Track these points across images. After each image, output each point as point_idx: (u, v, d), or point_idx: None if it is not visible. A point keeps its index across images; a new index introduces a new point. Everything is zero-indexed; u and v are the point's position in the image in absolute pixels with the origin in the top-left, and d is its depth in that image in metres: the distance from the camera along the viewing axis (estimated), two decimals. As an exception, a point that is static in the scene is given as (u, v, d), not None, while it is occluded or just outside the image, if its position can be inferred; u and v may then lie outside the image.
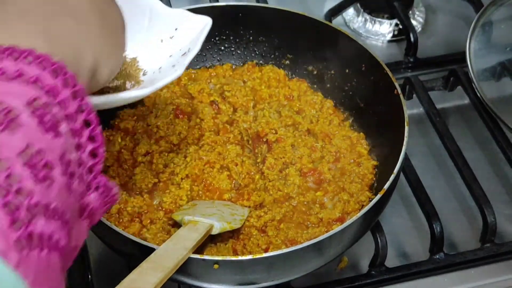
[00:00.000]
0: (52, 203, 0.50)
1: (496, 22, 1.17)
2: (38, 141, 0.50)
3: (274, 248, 0.88)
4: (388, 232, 0.94)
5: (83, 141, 0.56)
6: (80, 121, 0.56)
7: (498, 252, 0.97)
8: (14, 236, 0.45)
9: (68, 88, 0.55)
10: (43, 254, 0.48)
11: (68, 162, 0.53)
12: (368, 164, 0.98)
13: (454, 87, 1.14)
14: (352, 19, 1.29)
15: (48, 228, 0.48)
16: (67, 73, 0.55)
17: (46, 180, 0.50)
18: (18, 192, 0.47)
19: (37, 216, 0.48)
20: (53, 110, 0.53)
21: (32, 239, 0.47)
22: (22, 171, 0.48)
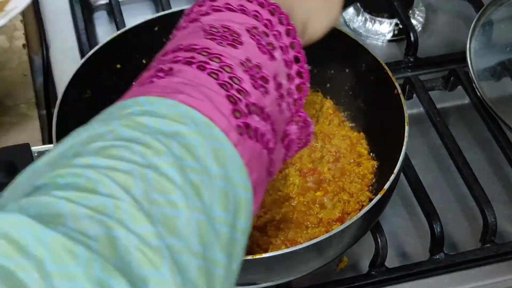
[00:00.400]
0: (266, 107, 0.56)
1: (496, 21, 1.17)
2: (256, 57, 0.58)
3: (274, 248, 0.88)
4: (388, 232, 0.94)
5: (293, 73, 0.62)
6: (291, 55, 0.62)
7: (499, 252, 0.97)
8: (235, 122, 0.52)
9: (283, 25, 0.62)
10: (257, 146, 0.53)
11: (280, 84, 0.60)
12: (368, 164, 0.98)
13: (454, 87, 1.14)
14: (352, 19, 1.28)
15: (261, 126, 0.55)
16: (282, 13, 0.62)
17: (262, 88, 0.57)
18: (238, 91, 0.54)
19: (253, 114, 0.54)
20: (269, 38, 0.60)
21: (249, 129, 0.53)
22: (243, 76, 0.55)
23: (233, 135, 0.51)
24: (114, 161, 0.44)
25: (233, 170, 0.50)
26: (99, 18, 1.28)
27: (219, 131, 0.50)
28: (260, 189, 0.55)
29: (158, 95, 0.51)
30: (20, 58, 1.16)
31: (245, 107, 0.53)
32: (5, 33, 1.19)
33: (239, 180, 0.50)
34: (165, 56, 0.58)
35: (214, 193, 0.47)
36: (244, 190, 0.50)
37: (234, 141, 0.51)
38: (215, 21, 0.60)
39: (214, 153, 0.48)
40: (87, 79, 0.98)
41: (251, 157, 0.52)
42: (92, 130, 0.48)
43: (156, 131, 0.47)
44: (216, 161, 0.48)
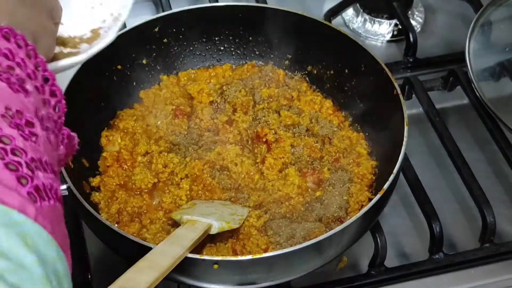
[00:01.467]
0: (43, 157, 0.52)
1: (495, 22, 1.17)
2: (13, 102, 0.52)
3: (274, 248, 0.88)
4: (388, 232, 0.94)
5: (47, 96, 0.58)
6: (40, 78, 0.57)
7: (498, 252, 0.97)
8: (24, 191, 0.48)
9: (22, 49, 0.56)
10: (52, 203, 0.50)
11: (42, 117, 0.55)
12: (367, 164, 0.98)
13: (454, 87, 1.15)
14: (351, 19, 1.29)
15: (47, 180, 0.51)
16: (17, 35, 0.56)
17: (32, 136, 0.52)
18: (13, 152, 0.49)
19: (35, 170, 0.50)
20: (16, 71, 0.55)
21: (39, 191, 0.49)
22: (11, 132, 0.50)
23: (30, 209, 0.47)
24: None
25: (45, 248, 0.47)
26: (100, 18, 1.28)
27: (16, 213, 0.46)
28: (67, 245, 0.52)
29: None
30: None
31: (27, 169, 0.49)
32: (6, 33, 1.19)
33: (52, 255, 0.48)
34: None
35: (37, 285, 0.45)
36: (60, 261, 0.49)
37: (32, 215, 0.47)
38: None
39: (22, 241, 0.46)
40: (88, 80, 0.98)
41: (52, 220, 0.50)
42: None
43: None
44: (28, 248, 0.46)
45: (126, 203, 0.93)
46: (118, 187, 0.97)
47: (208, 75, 1.11)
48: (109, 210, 0.93)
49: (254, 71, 1.10)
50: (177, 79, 1.10)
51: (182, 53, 1.10)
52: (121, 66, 1.05)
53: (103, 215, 0.92)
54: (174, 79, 1.10)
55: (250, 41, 1.11)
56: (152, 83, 1.09)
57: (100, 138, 1.01)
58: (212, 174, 0.97)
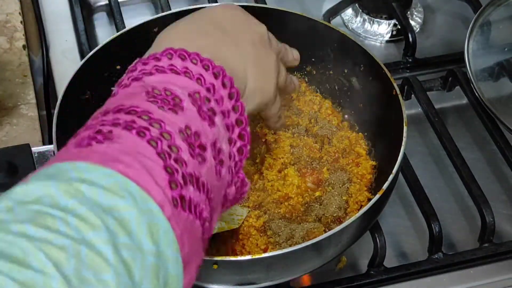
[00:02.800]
0: (202, 177, 0.56)
1: (494, 22, 1.17)
2: (195, 125, 0.58)
3: (273, 248, 0.88)
4: (387, 232, 0.95)
5: (234, 137, 0.63)
6: (233, 119, 0.63)
7: (497, 252, 0.97)
8: (170, 194, 0.52)
9: (226, 89, 0.62)
10: (190, 217, 0.54)
11: (220, 150, 0.60)
12: (366, 164, 0.98)
13: (453, 87, 1.15)
14: (350, 19, 1.29)
15: (195, 197, 0.55)
16: (225, 76, 0.63)
17: (199, 157, 0.57)
18: (176, 160, 0.54)
19: (188, 184, 0.54)
20: (211, 104, 0.61)
21: (183, 200, 0.53)
22: (181, 144, 0.55)
23: (168, 208, 0.51)
24: (49, 233, 0.44)
25: (165, 244, 0.50)
26: (99, 19, 1.29)
27: (155, 205, 0.50)
28: (194, 261, 0.55)
29: (97, 161, 0.50)
30: (20, 59, 1.16)
31: (181, 178, 0.53)
32: (5, 34, 1.19)
33: (170, 255, 0.50)
34: (105, 115, 0.57)
35: (145, 270, 0.47)
36: (175, 264, 0.51)
37: (168, 215, 0.51)
38: (158, 83, 0.60)
39: (148, 228, 0.49)
40: (87, 80, 0.98)
41: (184, 230, 0.53)
42: (31, 189, 0.47)
43: (93, 202, 0.47)
44: (150, 236, 0.49)
45: (126, 203, 0.93)
46: None
47: (207, 76, 1.11)
48: None
49: (253, 71, 1.10)
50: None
51: (181, 54, 1.10)
52: (121, 66, 1.05)
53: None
54: (173, 80, 1.10)
55: (249, 41, 1.11)
56: (152, 84, 1.09)
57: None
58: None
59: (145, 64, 0.64)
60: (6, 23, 1.21)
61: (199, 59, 0.62)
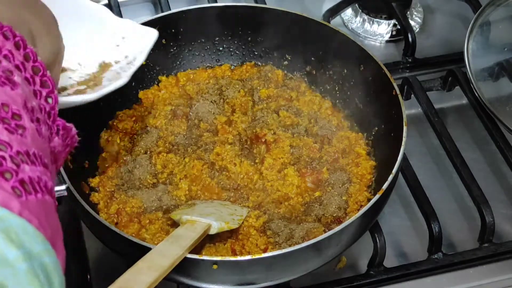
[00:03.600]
0: (31, 149, 0.51)
1: (494, 22, 1.17)
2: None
3: (273, 248, 0.88)
4: (387, 232, 0.94)
5: (37, 87, 0.57)
6: (29, 69, 0.57)
7: (497, 252, 0.97)
8: (8, 186, 0.47)
9: (9, 40, 0.56)
10: (39, 197, 0.49)
11: (32, 109, 0.54)
12: (366, 164, 0.98)
13: (452, 87, 1.15)
14: (350, 20, 1.29)
15: (34, 173, 0.50)
16: (3, 27, 0.56)
17: (18, 129, 0.51)
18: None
19: (21, 164, 0.49)
20: (2, 63, 0.54)
21: (25, 185, 0.48)
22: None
23: (14, 204, 0.46)
24: None
25: (30, 242, 0.46)
26: (99, 19, 1.29)
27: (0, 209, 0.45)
28: (58, 238, 0.51)
29: None
30: (19, 59, 1.16)
31: (11, 164, 0.48)
32: (5, 34, 1.19)
33: (39, 248, 0.47)
34: None
35: (21, 281, 0.44)
36: (48, 255, 0.48)
37: (17, 210, 0.46)
38: None
39: (6, 236, 0.45)
40: (87, 80, 0.98)
41: (40, 214, 0.49)
42: None
43: None
44: (11, 244, 0.45)
45: (125, 203, 0.93)
46: (117, 187, 0.97)
47: (207, 76, 1.11)
48: (108, 210, 0.93)
49: (253, 71, 1.10)
50: (176, 80, 1.10)
51: (181, 54, 1.10)
52: (120, 66, 1.05)
53: (102, 216, 0.92)
54: (173, 80, 1.10)
55: (249, 41, 1.11)
56: (151, 84, 1.09)
57: (99, 139, 1.01)
58: (211, 175, 0.97)
59: None
60: (6, 23, 1.20)
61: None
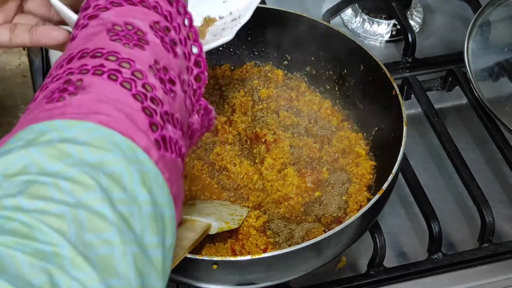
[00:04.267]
0: (176, 114, 0.55)
1: (494, 22, 1.17)
2: (162, 58, 0.56)
3: (273, 248, 0.88)
4: (387, 232, 0.95)
5: (191, 65, 0.61)
6: (189, 46, 0.61)
7: (497, 252, 0.97)
8: (153, 137, 0.51)
9: (181, 15, 0.61)
10: (173, 157, 0.53)
11: (183, 81, 0.59)
12: (366, 164, 0.98)
13: (452, 87, 1.15)
14: (350, 20, 1.29)
15: (174, 135, 0.54)
16: (179, 1, 0.61)
17: (171, 93, 0.56)
18: (152, 100, 0.53)
19: (166, 123, 0.53)
20: (171, 34, 0.59)
21: (165, 141, 0.52)
22: (154, 82, 0.54)
23: (154, 153, 0.50)
24: (43, 202, 0.43)
25: (158, 190, 0.49)
26: (98, 19, 1.28)
27: (142, 152, 0.49)
28: (179, 199, 0.54)
29: (75, 117, 0.48)
30: (20, 59, 1.16)
31: (160, 119, 0.52)
32: (5, 34, 1.19)
33: (163, 200, 0.50)
34: (70, 62, 0.54)
35: (144, 221, 0.47)
36: (169, 208, 0.51)
37: (155, 159, 0.50)
38: (117, 17, 0.57)
39: (140, 178, 0.48)
40: (87, 80, 0.98)
41: (171, 171, 0.52)
42: (14, 159, 0.46)
43: (82, 162, 0.46)
44: (143, 186, 0.48)
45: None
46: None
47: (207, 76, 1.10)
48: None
49: (253, 71, 1.10)
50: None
51: (181, 54, 1.10)
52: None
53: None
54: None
55: (249, 41, 1.11)
56: (151, 84, 1.09)
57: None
58: (211, 174, 0.97)
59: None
60: (6, 23, 1.20)
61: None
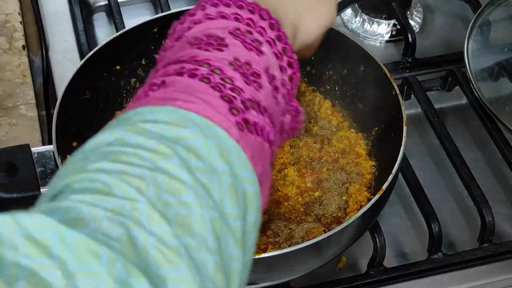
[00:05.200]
0: (262, 101, 0.57)
1: (494, 22, 1.17)
2: (243, 56, 0.58)
3: (273, 248, 0.88)
4: (387, 232, 0.95)
5: (284, 64, 0.63)
6: (279, 47, 0.63)
7: (497, 252, 0.97)
8: (233, 119, 0.53)
9: (265, 20, 0.63)
10: (258, 139, 0.54)
11: (273, 76, 0.60)
12: (366, 164, 0.98)
13: (452, 87, 1.15)
14: (350, 20, 1.29)
15: (260, 120, 0.55)
16: (261, 9, 0.63)
17: (254, 83, 0.57)
18: (231, 89, 0.54)
19: (250, 109, 0.55)
20: (254, 35, 0.61)
21: (248, 124, 0.54)
22: (234, 74, 0.56)
23: (234, 131, 0.52)
24: (124, 165, 0.46)
25: (239, 165, 0.51)
26: (99, 19, 1.29)
27: (220, 129, 0.51)
28: (266, 181, 0.56)
29: (156, 103, 0.52)
30: (19, 59, 1.16)
31: (241, 104, 0.54)
32: (5, 34, 1.19)
33: (245, 175, 0.51)
34: (156, 73, 0.59)
35: (223, 190, 0.48)
36: (251, 184, 0.51)
37: (235, 137, 0.51)
38: (198, 33, 0.61)
39: (218, 151, 0.49)
40: (87, 80, 0.98)
41: (254, 151, 0.53)
42: (100, 138, 0.49)
43: (161, 136, 0.48)
44: (221, 158, 0.49)
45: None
46: None
47: (207, 76, 1.10)
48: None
49: (253, 71, 1.10)
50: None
51: (181, 54, 1.10)
52: (120, 66, 1.05)
53: (102, 216, 0.92)
54: (173, 80, 1.10)
55: (249, 41, 1.11)
56: (151, 84, 1.09)
57: (99, 138, 1.01)
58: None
59: (182, 23, 0.64)
60: (6, 23, 1.21)
61: (231, 2, 0.63)
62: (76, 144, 0.96)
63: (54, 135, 0.89)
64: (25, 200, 0.86)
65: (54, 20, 1.23)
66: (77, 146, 0.96)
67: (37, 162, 0.88)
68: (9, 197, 0.85)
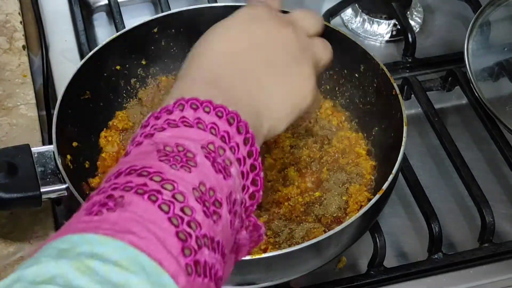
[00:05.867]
0: (217, 237, 0.55)
1: (494, 22, 1.17)
2: (209, 180, 0.56)
3: (273, 248, 0.88)
4: (387, 232, 0.95)
5: (248, 183, 0.62)
6: (248, 165, 0.61)
7: (497, 252, 0.97)
8: (184, 262, 0.51)
9: (241, 135, 0.61)
10: (205, 282, 0.52)
11: (234, 201, 0.59)
12: (366, 164, 0.98)
13: (452, 87, 1.15)
14: (350, 19, 1.29)
15: (210, 259, 0.54)
16: (240, 122, 0.61)
17: (214, 215, 0.55)
18: (189, 224, 0.52)
19: (203, 247, 0.53)
20: (226, 154, 0.59)
21: (198, 266, 0.52)
22: (195, 205, 0.54)
23: (182, 279, 0.50)
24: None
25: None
26: (99, 19, 1.29)
27: (168, 278, 0.49)
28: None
29: (107, 233, 0.50)
30: (19, 59, 1.16)
31: (195, 243, 0.52)
32: (5, 34, 1.19)
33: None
34: (117, 177, 0.56)
35: None
36: None
37: (182, 285, 0.50)
38: (170, 138, 0.59)
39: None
40: (87, 80, 0.98)
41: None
42: (43, 268, 0.47)
43: (106, 280, 0.47)
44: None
45: (125, 203, 0.93)
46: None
47: (207, 76, 1.10)
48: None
49: (253, 71, 1.10)
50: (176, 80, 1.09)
51: (181, 54, 1.10)
52: (120, 66, 1.05)
53: (102, 216, 0.92)
54: (173, 80, 1.10)
55: (249, 41, 1.11)
56: (151, 84, 1.09)
57: (99, 138, 1.01)
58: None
59: (157, 118, 0.62)
60: (6, 23, 1.20)
61: (211, 107, 0.61)
62: (76, 144, 0.96)
63: (54, 135, 0.89)
64: (25, 200, 0.86)
65: (54, 20, 1.23)
66: (77, 146, 0.97)
67: (37, 162, 0.88)
68: (9, 197, 0.85)
